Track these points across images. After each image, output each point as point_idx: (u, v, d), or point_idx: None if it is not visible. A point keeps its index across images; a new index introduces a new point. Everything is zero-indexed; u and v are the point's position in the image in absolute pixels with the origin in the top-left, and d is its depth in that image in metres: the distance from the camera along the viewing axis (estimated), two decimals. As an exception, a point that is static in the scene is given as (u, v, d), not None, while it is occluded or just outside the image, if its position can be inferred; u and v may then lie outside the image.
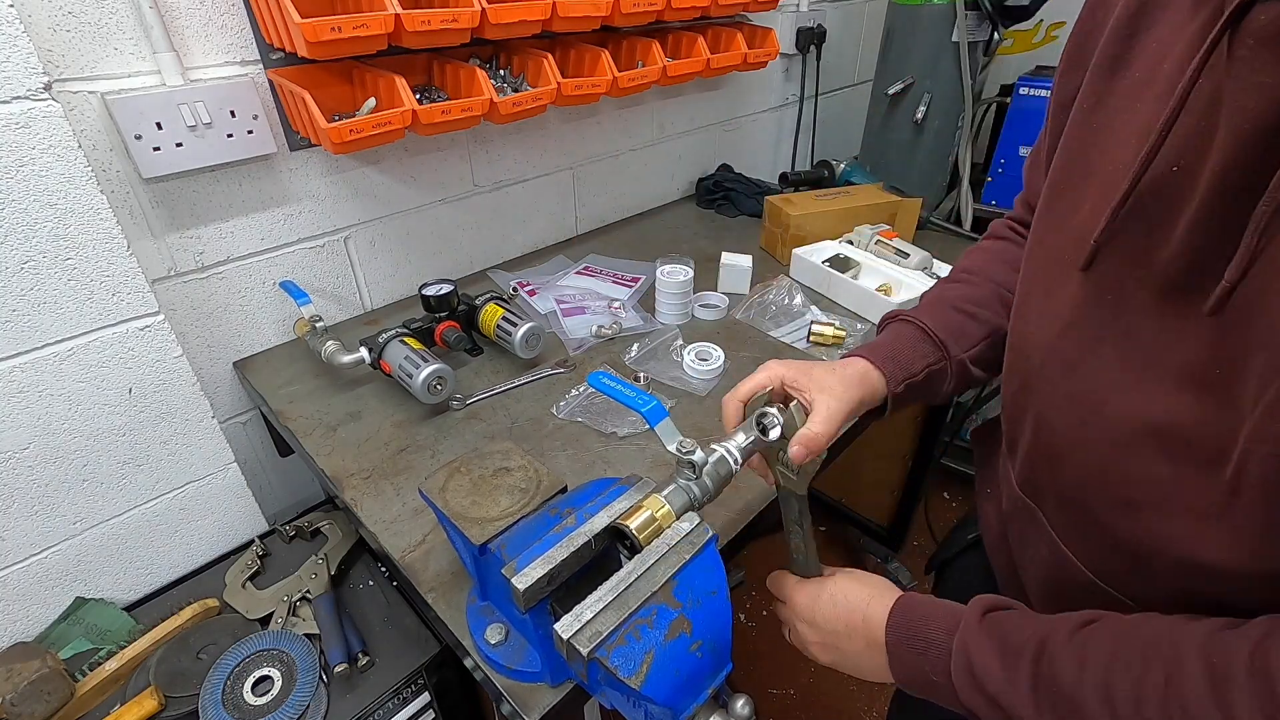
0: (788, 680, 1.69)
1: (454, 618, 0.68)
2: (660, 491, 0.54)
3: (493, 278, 1.33)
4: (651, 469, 0.85)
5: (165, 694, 0.78)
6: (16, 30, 0.67)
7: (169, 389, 0.90)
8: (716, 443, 0.57)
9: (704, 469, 0.55)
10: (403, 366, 0.92)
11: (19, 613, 0.87)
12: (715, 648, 0.48)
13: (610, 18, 1.12)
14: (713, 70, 1.38)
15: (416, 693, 0.84)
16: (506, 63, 1.18)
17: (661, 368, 1.03)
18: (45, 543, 0.86)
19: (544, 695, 0.61)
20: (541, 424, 0.93)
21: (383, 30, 0.86)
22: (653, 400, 0.55)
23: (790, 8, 1.75)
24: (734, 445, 0.57)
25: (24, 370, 0.78)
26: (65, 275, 0.77)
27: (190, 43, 0.88)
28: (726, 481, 0.57)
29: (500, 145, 1.29)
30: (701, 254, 1.36)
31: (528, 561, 0.50)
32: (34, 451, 0.81)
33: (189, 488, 0.97)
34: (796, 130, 1.94)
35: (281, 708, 0.76)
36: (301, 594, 0.89)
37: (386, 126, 0.93)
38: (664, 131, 1.62)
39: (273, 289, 1.08)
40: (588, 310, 1.18)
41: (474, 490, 0.63)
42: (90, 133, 0.84)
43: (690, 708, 0.47)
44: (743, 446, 0.58)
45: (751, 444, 0.58)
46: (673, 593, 0.48)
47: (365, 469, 0.86)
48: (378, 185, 1.15)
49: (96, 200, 0.77)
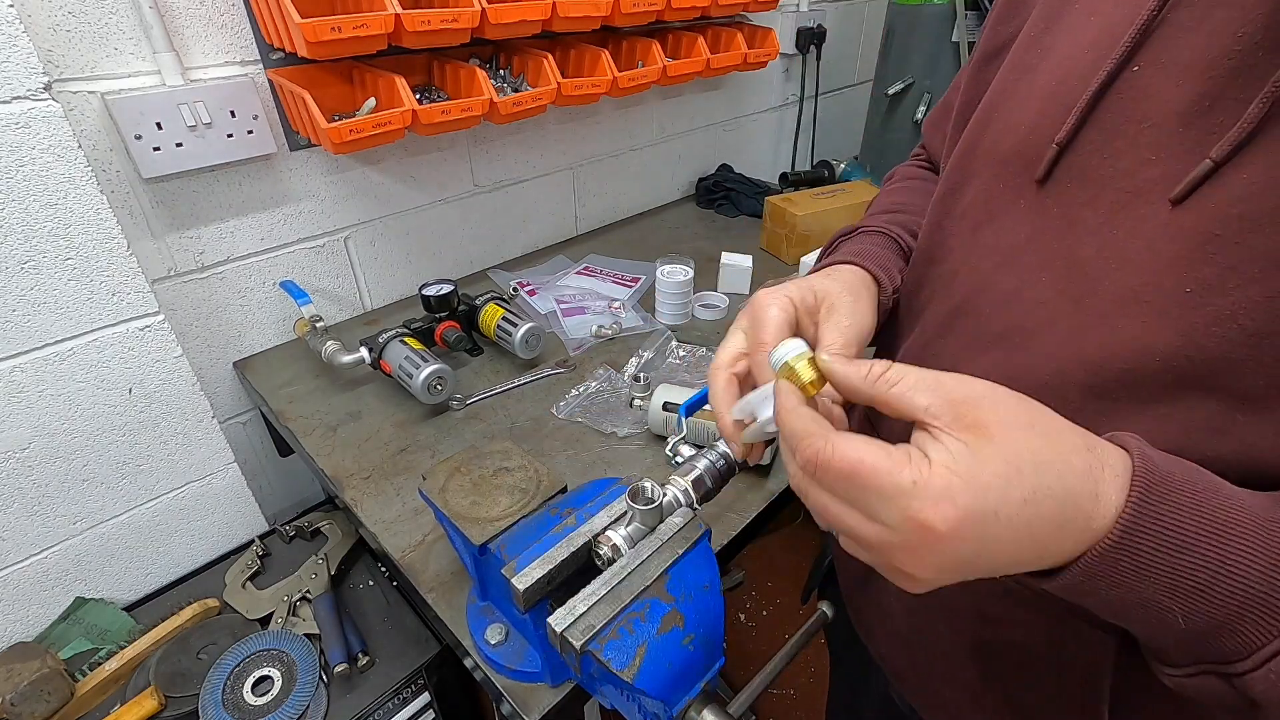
0: (788, 680, 1.69)
1: (454, 618, 0.68)
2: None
3: (493, 278, 1.33)
4: (651, 469, 0.85)
5: (165, 694, 0.78)
6: (16, 30, 0.67)
7: (169, 389, 0.90)
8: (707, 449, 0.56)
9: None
10: (403, 366, 0.92)
11: (19, 613, 0.87)
12: (708, 641, 0.49)
13: (610, 18, 1.12)
14: (713, 70, 1.38)
15: (416, 693, 0.84)
16: (506, 63, 1.18)
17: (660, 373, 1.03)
18: (45, 543, 0.86)
19: (544, 695, 0.61)
20: (541, 424, 0.93)
21: (383, 30, 0.86)
22: None
23: (790, 8, 1.75)
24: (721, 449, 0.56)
25: (24, 370, 0.78)
26: (65, 275, 0.77)
27: (190, 43, 0.88)
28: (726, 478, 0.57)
29: (500, 145, 1.29)
30: (701, 254, 1.36)
31: (528, 562, 0.50)
32: (34, 451, 0.81)
33: (189, 488, 0.97)
34: (796, 130, 1.94)
35: (281, 708, 0.76)
36: (301, 594, 0.89)
37: (386, 126, 0.93)
38: (664, 131, 1.62)
39: (273, 289, 1.08)
40: (588, 310, 1.18)
41: (474, 490, 0.63)
42: (90, 133, 0.84)
43: (683, 700, 0.47)
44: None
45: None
46: (665, 587, 0.49)
47: (365, 469, 0.86)
48: (378, 185, 1.15)
49: (96, 200, 0.77)
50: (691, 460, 0.58)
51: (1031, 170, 0.41)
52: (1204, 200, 0.33)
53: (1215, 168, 0.33)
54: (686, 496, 0.55)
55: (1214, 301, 0.33)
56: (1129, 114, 0.37)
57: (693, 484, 0.55)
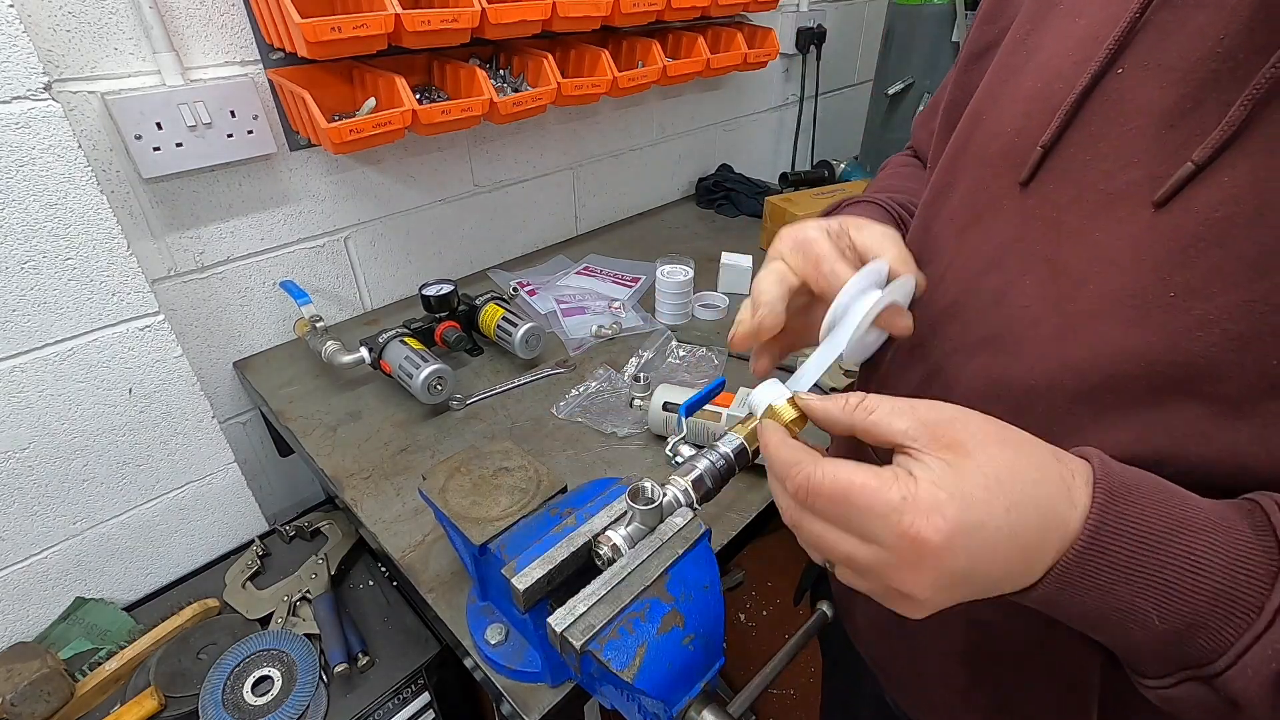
0: (788, 680, 1.69)
1: (454, 618, 0.68)
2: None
3: (493, 278, 1.33)
4: (651, 469, 0.85)
5: (165, 694, 0.78)
6: (16, 30, 0.67)
7: (169, 389, 0.90)
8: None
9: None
10: (403, 366, 0.92)
11: (19, 613, 0.87)
12: (708, 641, 0.49)
13: (610, 18, 1.12)
14: (713, 70, 1.38)
15: (416, 693, 0.84)
16: (506, 63, 1.18)
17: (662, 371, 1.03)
18: (45, 543, 0.86)
19: (544, 695, 0.61)
20: (541, 424, 0.93)
21: (383, 30, 0.86)
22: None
23: (790, 8, 1.75)
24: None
25: (24, 370, 0.78)
26: (65, 275, 0.77)
27: (190, 43, 0.88)
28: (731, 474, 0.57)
29: (500, 145, 1.29)
30: (701, 254, 1.36)
31: (528, 562, 0.50)
32: (34, 451, 0.81)
33: (189, 488, 0.97)
34: (796, 130, 1.94)
35: (281, 708, 0.76)
36: (301, 594, 0.89)
37: (386, 126, 0.93)
38: (664, 131, 1.62)
39: (273, 289, 1.08)
40: (588, 310, 1.18)
41: (474, 490, 0.63)
42: (90, 133, 0.84)
43: (683, 700, 0.47)
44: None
45: None
46: (665, 587, 0.49)
47: (365, 469, 0.86)
48: (378, 185, 1.15)
49: (96, 200, 0.77)
50: (691, 460, 0.58)
51: (1017, 172, 0.41)
52: (1186, 203, 0.33)
53: (1197, 170, 0.32)
54: (686, 496, 0.55)
55: (1197, 306, 0.33)
56: (1112, 116, 0.37)
57: (693, 484, 0.55)
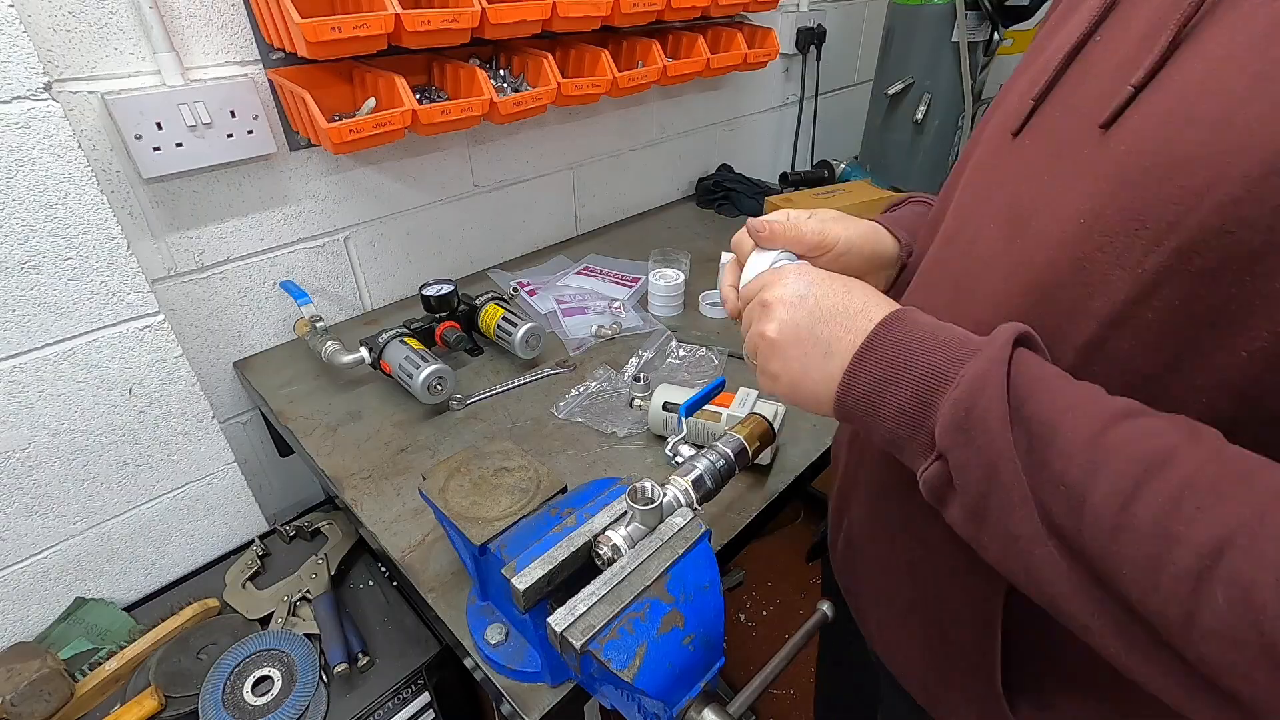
0: (788, 680, 1.69)
1: (454, 618, 0.68)
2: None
3: (493, 278, 1.33)
4: (651, 469, 0.85)
5: (165, 694, 0.78)
6: (16, 30, 0.67)
7: (169, 389, 0.90)
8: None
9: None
10: (403, 366, 0.92)
11: (19, 613, 0.87)
12: (708, 641, 0.49)
13: (610, 18, 1.12)
14: (713, 70, 1.38)
15: (416, 693, 0.84)
16: (506, 63, 1.18)
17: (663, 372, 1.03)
18: (45, 543, 0.86)
19: (544, 695, 0.61)
20: (541, 424, 0.93)
21: (383, 30, 0.86)
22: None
23: (790, 8, 1.75)
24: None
25: (24, 370, 0.78)
26: (65, 275, 0.77)
27: (190, 43, 0.88)
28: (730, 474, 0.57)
29: (500, 145, 1.29)
30: (701, 254, 1.36)
31: (528, 562, 0.51)
32: (34, 451, 0.81)
33: (189, 488, 0.97)
34: (796, 130, 1.94)
35: (281, 708, 0.76)
36: (301, 594, 0.89)
37: (386, 126, 0.93)
38: (664, 131, 1.62)
39: (273, 289, 1.08)
40: (588, 310, 1.18)
41: (474, 490, 0.63)
42: (90, 133, 0.84)
43: (683, 700, 0.47)
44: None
45: None
46: (665, 587, 0.49)
47: (365, 469, 0.86)
48: (378, 185, 1.15)
49: (96, 200, 0.77)
50: (691, 460, 0.58)
51: (1013, 127, 0.45)
52: (1126, 131, 0.35)
53: (1135, 92, 0.35)
54: (686, 496, 0.55)
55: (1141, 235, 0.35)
56: (1087, 72, 0.40)
57: (693, 484, 0.56)
